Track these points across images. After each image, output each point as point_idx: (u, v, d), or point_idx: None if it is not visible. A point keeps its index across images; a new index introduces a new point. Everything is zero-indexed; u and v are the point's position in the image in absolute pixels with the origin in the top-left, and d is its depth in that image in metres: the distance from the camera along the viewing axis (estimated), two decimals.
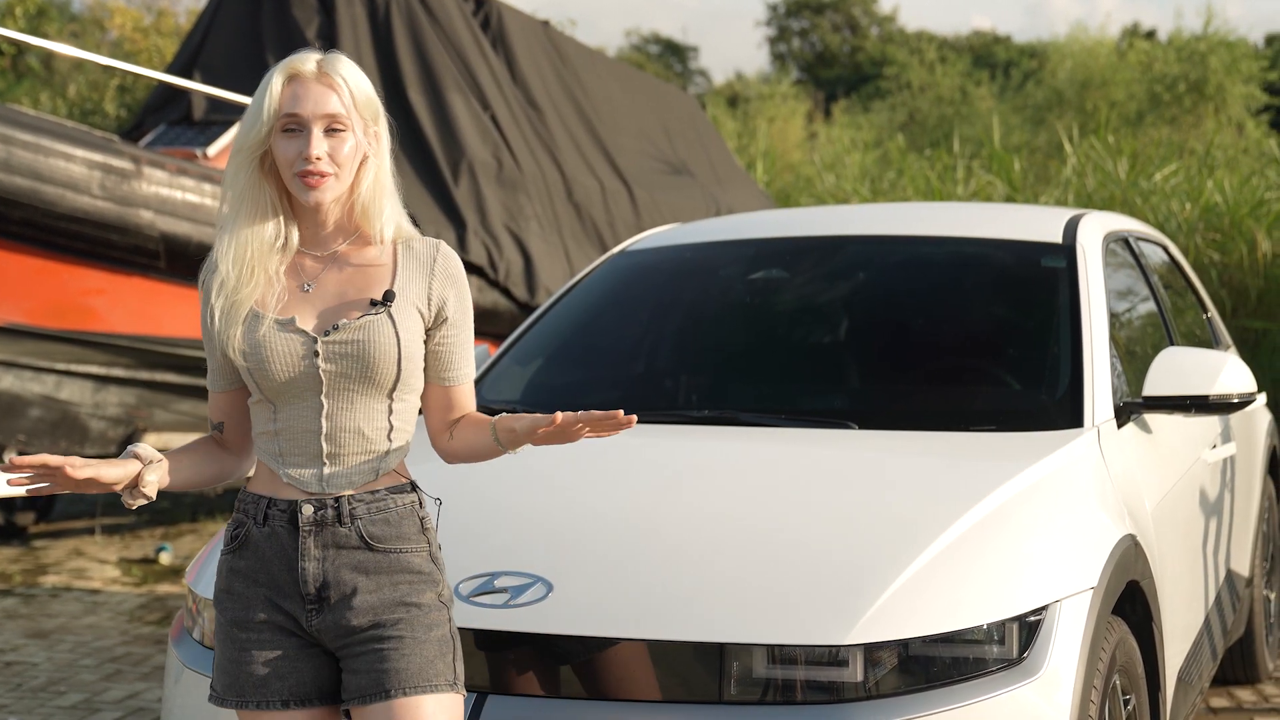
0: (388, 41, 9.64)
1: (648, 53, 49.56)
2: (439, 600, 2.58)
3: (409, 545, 2.57)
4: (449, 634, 2.57)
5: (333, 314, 2.54)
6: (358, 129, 2.54)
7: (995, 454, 3.53)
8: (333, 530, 2.53)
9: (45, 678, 5.94)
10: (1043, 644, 2.88)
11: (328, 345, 2.51)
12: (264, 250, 2.54)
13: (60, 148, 7.35)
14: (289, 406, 2.55)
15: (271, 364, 2.51)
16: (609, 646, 2.85)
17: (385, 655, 2.51)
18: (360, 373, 2.51)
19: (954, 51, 39.72)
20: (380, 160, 2.59)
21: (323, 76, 2.53)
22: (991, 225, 4.63)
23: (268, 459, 2.59)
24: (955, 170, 14.95)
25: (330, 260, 2.59)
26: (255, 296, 2.54)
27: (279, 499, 2.56)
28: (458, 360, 2.64)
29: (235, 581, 2.59)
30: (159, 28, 22.23)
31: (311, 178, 2.49)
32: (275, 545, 2.55)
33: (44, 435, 8.07)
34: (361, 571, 2.53)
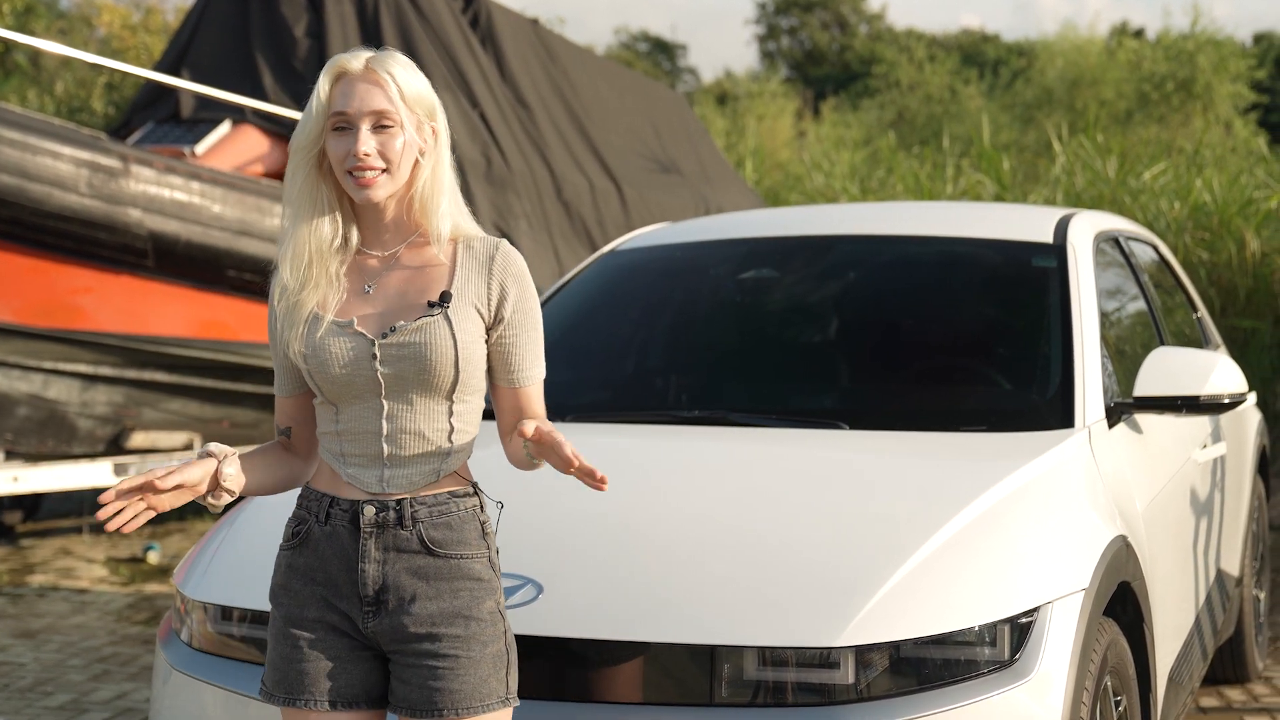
0: (376, 39, 9.61)
1: (637, 50, 49.53)
2: (498, 609, 2.57)
3: (470, 550, 2.55)
4: (504, 647, 2.56)
5: (391, 316, 2.53)
6: (409, 125, 2.52)
7: (986, 454, 3.52)
8: (394, 533, 2.52)
9: (32, 678, 5.92)
10: (1034, 646, 2.88)
11: (385, 348, 2.50)
12: (323, 251, 2.54)
13: (47, 145, 7.33)
14: (350, 408, 2.55)
15: (330, 366, 2.52)
16: (600, 649, 2.84)
17: (440, 673, 2.50)
18: (418, 375, 2.50)
19: (943, 50, 39.74)
20: (436, 157, 2.57)
21: (369, 73, 2.52)
22: (982, 225, 4.63)
23: (330, 458, 2.59)
24: (945, 169, 14.95)
25: (391, 260, 2.58)
26: (315, 299, 2.54)
27: (341, 498, 2.56)
28: (521, 361, 2.61)
29: (293, 579, 2.59)
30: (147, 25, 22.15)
31: (361, 175, 2.49)
32: (335, 545, 2.55)
33: (31, 434, 8.04)
34: (421, 577, 2.52)
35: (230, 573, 3.32)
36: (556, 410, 3.95)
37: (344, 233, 2.57)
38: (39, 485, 7.97)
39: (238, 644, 3.21)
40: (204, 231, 7.91)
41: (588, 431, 3.91)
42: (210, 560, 3.40)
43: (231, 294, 8.27)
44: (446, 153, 2.60)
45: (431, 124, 2.57)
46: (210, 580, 3.32)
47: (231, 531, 3.49)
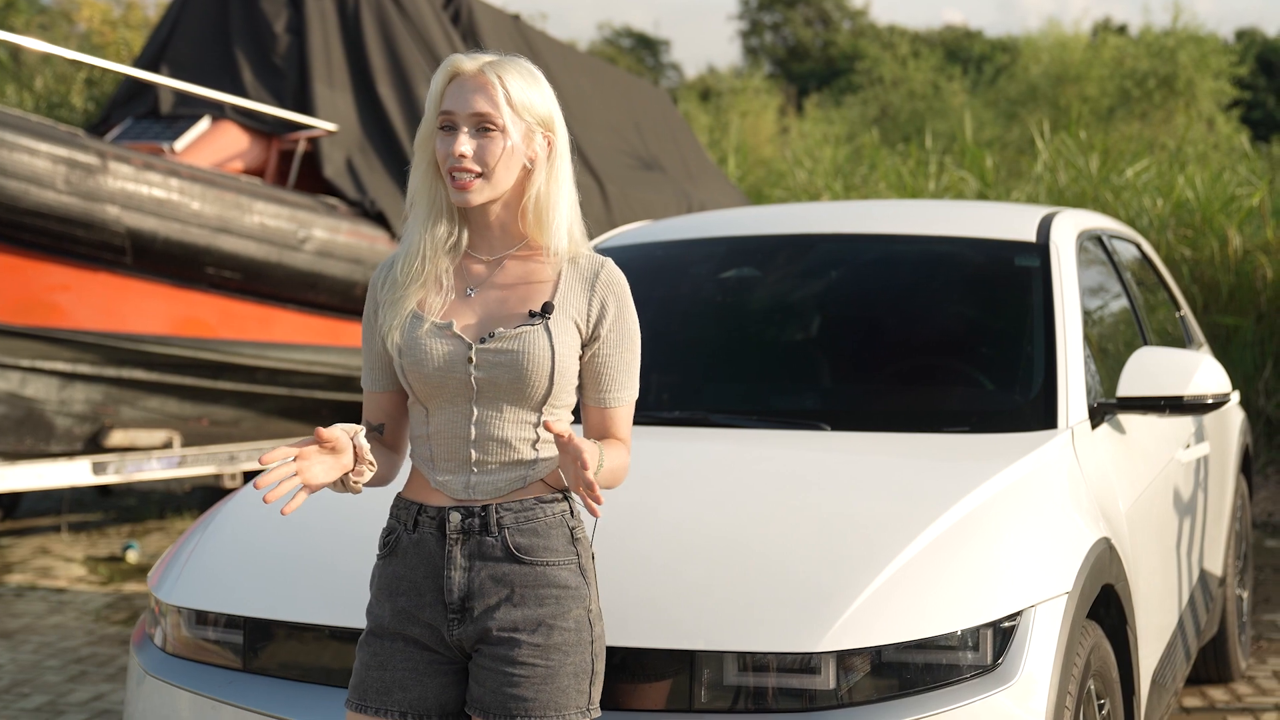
0: (357, 36, 9.58)
1: (620, 46, 49.52)
2: (587, 618, 2.55)
3: (557, 557, 2.54)
4: (588, 658, 2.55)
5: (491, 322, 2.53)
6: (515, 132, 2.51)
7: (968, 456, 3.50)
8: (479, 539, 2.52)
9: (9, 679, 5.87)
10: (1017, 650, 2.85)
11: (482, 353, 2.50)
12: (435, 249, 2.57)
13: (24, 142, 7.27)
14: (441, 411, 2.55)
15: (425, 366, 2.52)
16: None
17: (517, 680, 2.49)
18: (512, 382, 2.50)
19: (926, 46, 39.79)
20: (551, 170, 2.56)
21: (479, 75, 2.52)
22: (964, 223, 4.60)
23: (421, 463, 2.60)
24: (927, 165, 14.94)
25: (496, 266, 2.58)
26: (420, 295, 2.56)
27: (429, 505, 2.56)
28: (612, 381, 2.61)
29: (383, 588, 2.61)
30: (127, 20, 22.07)
31: (458, 178, 2.49)
32: (422, 552, 2.56)
33: (9, 433, 7.99)
34: (506, 584, 2.51)
35: (205, 576, 3.28)
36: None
37: (457, 234, 2.58)
38: (16, 484, 7.92)
39: (212, 648, 3.17)
40: (182, 228, 7.86)
41: None
42: (185, 563, 3.36)
43: (210, 291, 8.23)
44: (564, 166, 2.59)
45: (547, 135, 2.56)
46: (184, 584, 3.28)
47: (206, 535, 3.45)
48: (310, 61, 9.33)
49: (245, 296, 8.36)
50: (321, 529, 3.29)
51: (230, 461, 8.63)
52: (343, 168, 9.15)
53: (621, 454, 2.63)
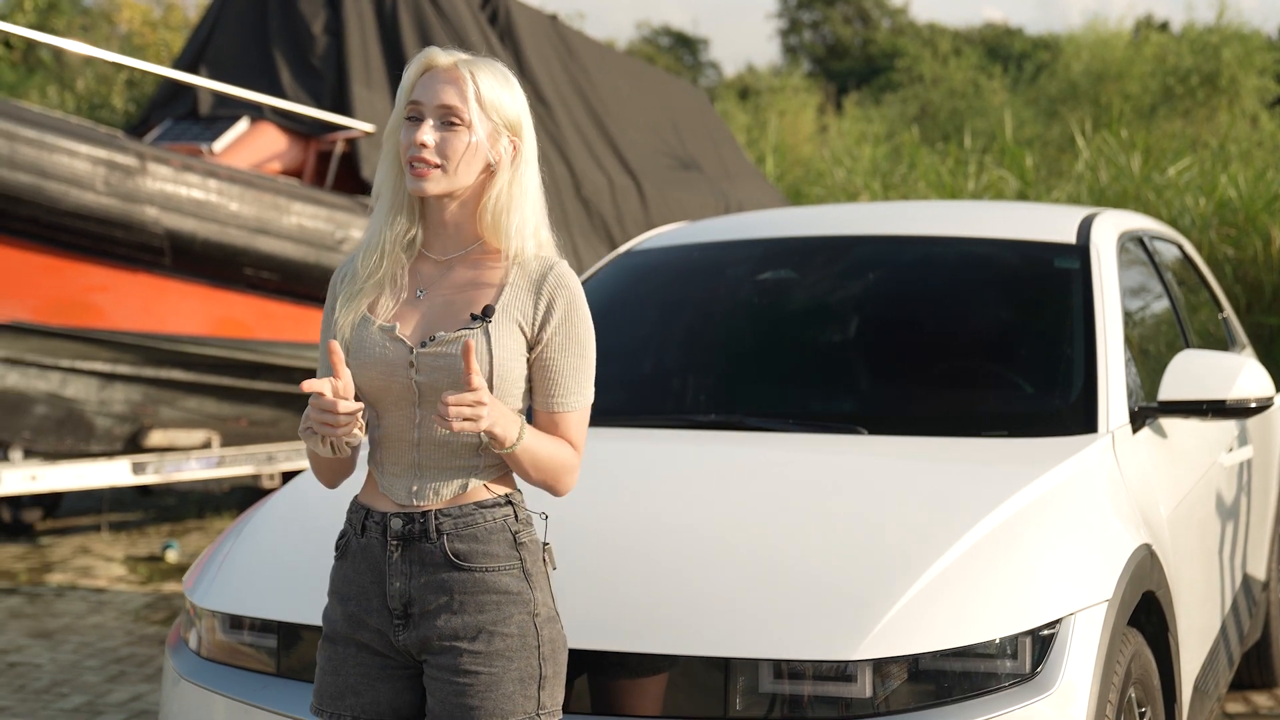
0: (394, 36, 9.59)
1: (658, 45, 49.46)
2: (532, 623, 2.51)
3: (497, 563, 2.51)
4: (534, 663, 2.50)
5: (434, 325, 2.51)
6: (481, 130, 2.50)
7: (1007, 460, 3.46)
8: (419, 546, 2.50)
9: (48, 679, 5.89)
10: (1056, 658, 2.81)
11: (422, 356, 2.48)
12: (395, 243, 2.55)
13: (64, 144, 7.31)
14: (388, 414, 2.53)
15: (370, 368, 2.51)
16: (612, 661, 2.79)
17: (462, 689, 2.48)
18: (451, 386, 2.45)
19: (966, 43, 39.60)
20: (514, 174, 2.54)
21: (452, 69, 2.51)
22: (1004, 225, 4.56)
23: (373, 466, 2.59)
24: (967, 165, 14.86)
25: (447, 268, 2.56)
26: (375, 294, 2.54)
27: (375, 510, 2.55)
28: (556, 385, 2.55)
29: (335, 591, 2.60)
30: (167, 21, 22.18)
31: (417, 166, 2.47)
32: (369, 557, 2.54)
33: (49, 433, 8.03)
34: (445, 591, 2.49)
35: (239, 580, 3.28)
36: None
37: (414, 231, 2.56)
38: (57, 484, 7.96)
39: (246, 652, 3.17)
40: (221, 229, 7.88)
41: (602, 436, 3.85)
42: (219, 567, 3.36)
43: (248, 292, 8.26)
44: (530, 173, 2.56)
45: (513, 139, 2.54)
46: (219, 588, 3.28)
47: (240, 539, 3.45)
48: (348, 62, 9.34)
49: (283, 297, 8.38)
50: None
51: (268, 462, 8.66)
52: None
53: (564, 450, 2.55)
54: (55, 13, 25.30)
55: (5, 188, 7.14)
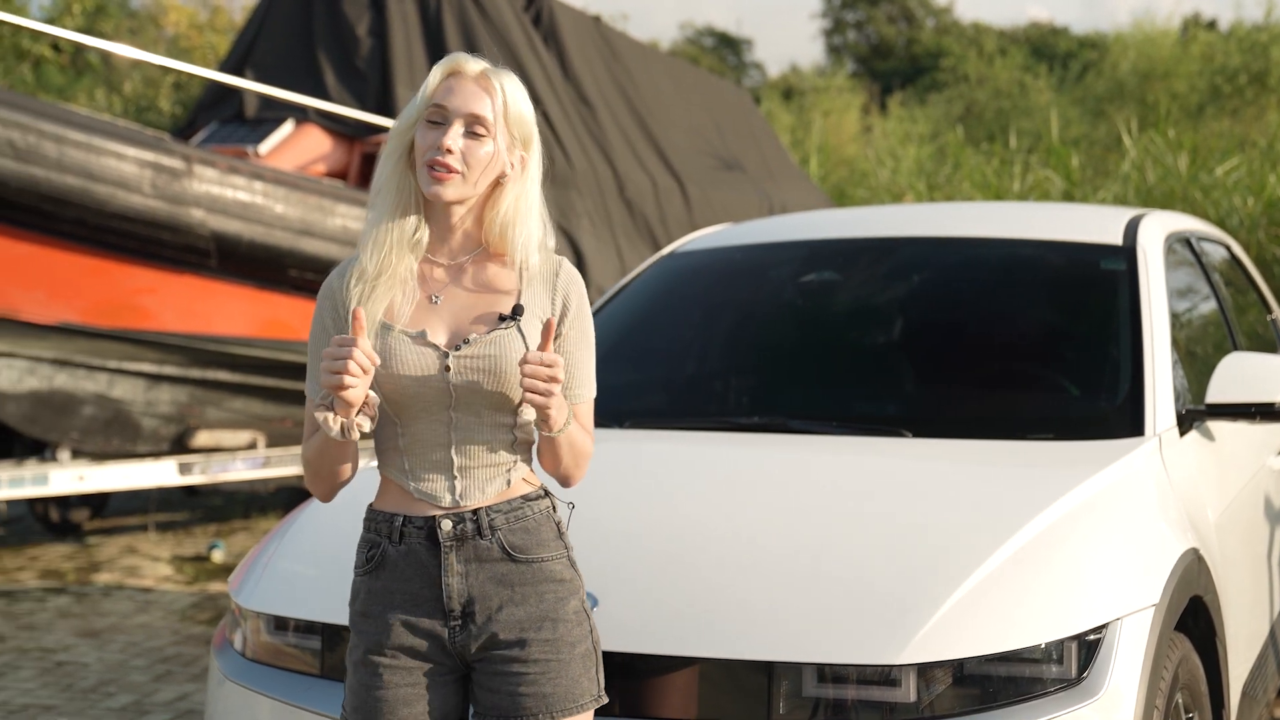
0: (438, 38, 9.61)
1: (702, 45, 49.44)
2: (582, 607, 2.56)
3: (549, 553, 2.55)
4: (590, 645, 2.56)
5: (463, 328, 2.51)
6: (501, 141, 2.52)
7: (1053, 464, 3.44)
8: (474, 544, 2.51)
9: (95, 678, 5.93)
10: (1102, 663, 2.79)
11: (458, 359, 2.48)
12: (403, 241, 2.53)
13: (111, 146, 7.36)
14: (415, 421, 2.52)
15: (402, 375, 2.49)
16: (654, 664, 2.79)
17: (532, 679, 2.49)
18: (491, 386, 2.48)
19: (1011, 43, 39.41)
20: (523, 186, 2.56)
21: (482, 78, 2.52)
22: (1049, 226, 4.53)
23: (396, 474, 2.56)
24: (1012, 165, 14.78)
25: (458, 272, 2.56)
26: (391, 293, 2.52)
27: (414, 516, 2.53)
28: (572, 378, 2.57)
29: (372, 604, 2.55)
30: (213, 24, 22.30)
31: (438, 170, 2.47)
32: (414, 563, 2.52)
33: (97, 433, 8.10)
34: (506, 584, 2.51)
35: (284, 582, 3.29)
36: (613, 416, 3.92)
37: (420, 231, 2.55)
38: (104, 484, 8.03)
39: (291, 653, 3.18)
40: (266, 231, 7.93)
41: (644, 439, 3.85)
42: (264, 569, 3.37)
43: (293, 293, 8.29)
44: (534, 188, 2.58)
45: (523, 152, 2.56)
46: (263, 589, 3.29)
47: (285, 540, 3.46)
48: (392, 64, 9.38)
49: None
50: None
51: None
52: None
53: (588, 439, 2.60)
54: (103, 16, 25.49)
55: (54, 190, 7.19)
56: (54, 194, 7.21)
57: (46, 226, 7.38)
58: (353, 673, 2.58)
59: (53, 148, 7.15)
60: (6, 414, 7.79)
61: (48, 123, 7.19)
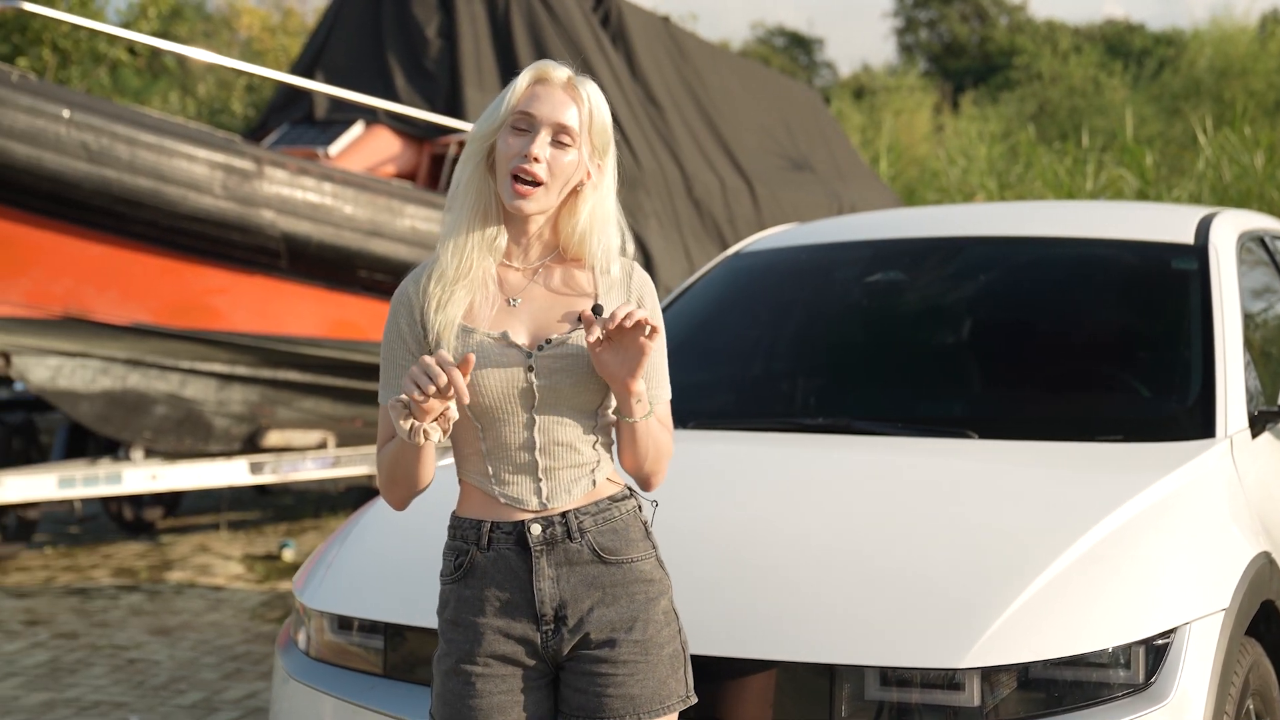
0: (507, 39, 9.64)
1: (773, 45, 49.34)
2: (671, 607, 2.57)
3: (638, 553, 2.55)
4: (679, 645, 2.56)
5: (544, 328, 2.51)
6: (584, 151, 2.51)
7: (1122, 466, 3.39)
8: (564, 547, 2.50)
9: (166, 676, 5.99)
10: (1171, 668, 2.75)
11: (541, 360, 2.48)
12: (482, 244, 2.52)
13: (183, 148, 7.43)
14: (497, 424, 2.51)
15: (486, 378, 2.48)
16: (715, 666, 2.77)
17: (620, 680, 2.48)
18: (573, 386, 2.48)
19: (1086, 40, 39.06)
20: (600, 193, 2.55)
21: (570, 87, 2.51)
22: (1119, 225, 4.47)
23: (478, 480, 2.54)
24: (1085, 164, 14.64)
25: (533, 275, 2.56)
26: (470, 296, 2.50)
27: (501, 521, 2.52)
28: (650, 380, 2.56)
29: (463, 612, 2.54)
30: (285, 27, 22.48)
31: (523, 180, 2.46)
32: (504, 569, 2.51)
33: (169, 433, 8.18)
34: (597, 586, 2.51)
35: (348, 582, 3.31)
36: (677, 416, 3.89)
37: (498, 235, 2.55)
38: (176, 483, 8.11)
39: (354, 653, 3.19)
40: (336, 232, 7.98)
41: (708, 439, 3.84)
42: (328, 569, 3.39)
43: (363, 294, 8.34)
44: (611, 193, 2.58)
45: (601, 161, 2.56)
46: (327, 589, 3.30)
47: (348, 541, 3.47)
48: (461, 65, 9.42)
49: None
50: None
51: None
52: None
53: (668, 436, 2.60)
54: (179, 19, 25.76)
55: (126, 192, 7.28)
56: (127, 196, 7.29)
57: (119, 228, 7.47)
58: (443, 681, 2.55)
59: (125, 150, 7.23)
60: (81, 414, 7.89)
61: (120, 125, 7.27)
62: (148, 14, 18.52)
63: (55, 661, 6.23)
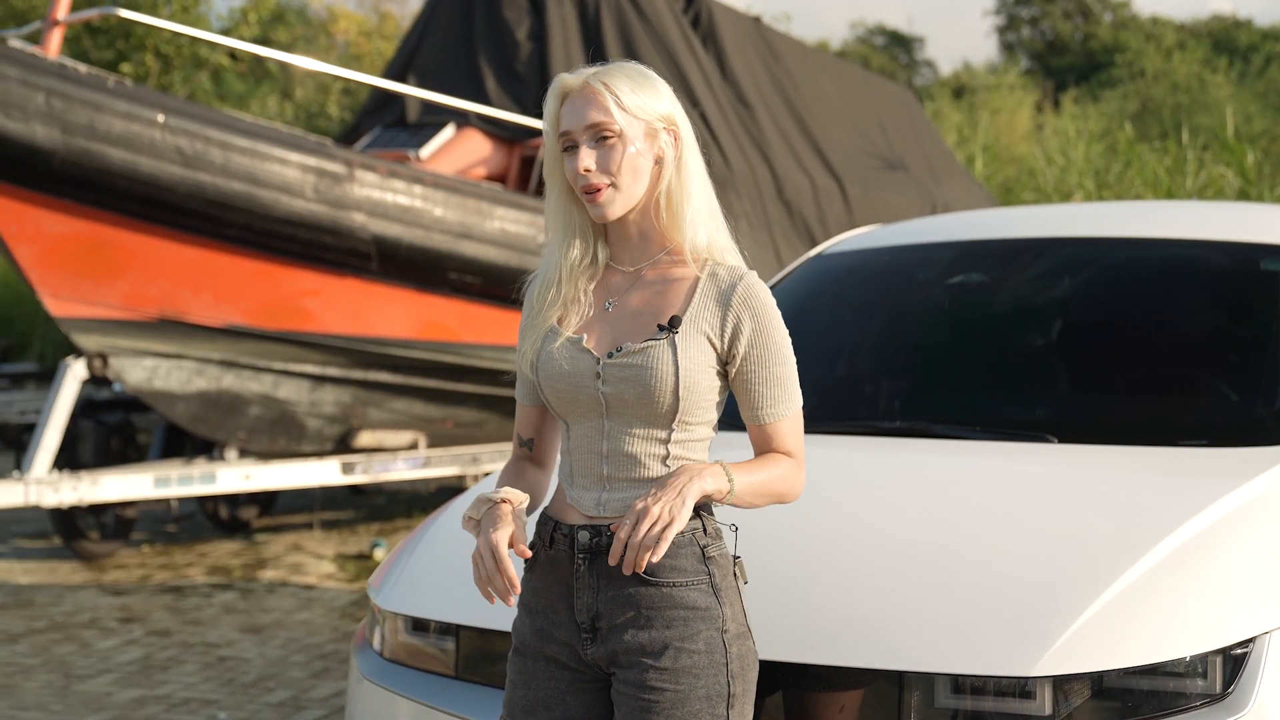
0: (597, 41, 9.66)
1: (873, 44, 49.01)
2: (720, 639, 2.47)
3: (685, 577, 2.47)
4: (723, 680, 2.46)
5: (622, 335, 2.50)
6: (633, 134, 2.47)
7: (1204, 471, 3.32)
8: (606, 558, 2.47)
9: (256, 673, 6.06)
10: (1249, 678, 2.69)
11: (609, 368, 2.47)
12: (569, 270, 2.54)
13: (275, 152, 7.52)
14: (578, 426, 2.52)
15: (556, 380, 2.50)
16: (782, 672, 2.75)
17: (648, 705, 2.44)
18: (638, 398, 2.45)
19: (1192, 37, 38.43)
20: (679, 165, 2.52)
21: (585, 88, 2.48)
22: (1207, 225, 4.38)
23: (562, 478, 2.58)
24: (1185, 162, 14.40)
25: (635, 277, 2.55)
26: (557, 313, 2.54)
27: (564, 523, 2.53)
28: (761, 398, 2.50)
29: (521, 609, 2.58)
30: (382, 31, 22.67)
31: (589, 194, 2.46)
32: (557, 570, 2.53)
33: (263, 433, 8.28)
34: (632, 605, 2.46)
35: (422, 583, 3.32)
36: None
37: (593, 251, 2.55)
38: (269, 483, 8.21)
39: (426, 655, 3.20)
40: (425, 234, 8.03)
41: None
42: (402, 570, 3.40)
43: (452, 296, 8.40)
44: (693, 159, 2.54)
45: (670, 129, 2.52)
46: (401, 590, 3.32)
47: (424, 542, 3.49)
48: (551, 67, 9.45)
49: (486, 301, 8.50)
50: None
51: (473, 463, 8.79)
52: None
53: (779, 467, 2.52)
54: (280, 24, 26.08)
55: (220, 196, 7.38)
56: (220, 199, 7.39)
57: (213, 231, 7.58)
58: (507, 668, 2.60)
59: (219, 154, 7.33)
60: (176, 414, 8.01)
61: (214, 130, 7.37)
62: (248, 19, 18.78)
63: (148, 659, 6.33)
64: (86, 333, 7.62)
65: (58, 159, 7.04)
